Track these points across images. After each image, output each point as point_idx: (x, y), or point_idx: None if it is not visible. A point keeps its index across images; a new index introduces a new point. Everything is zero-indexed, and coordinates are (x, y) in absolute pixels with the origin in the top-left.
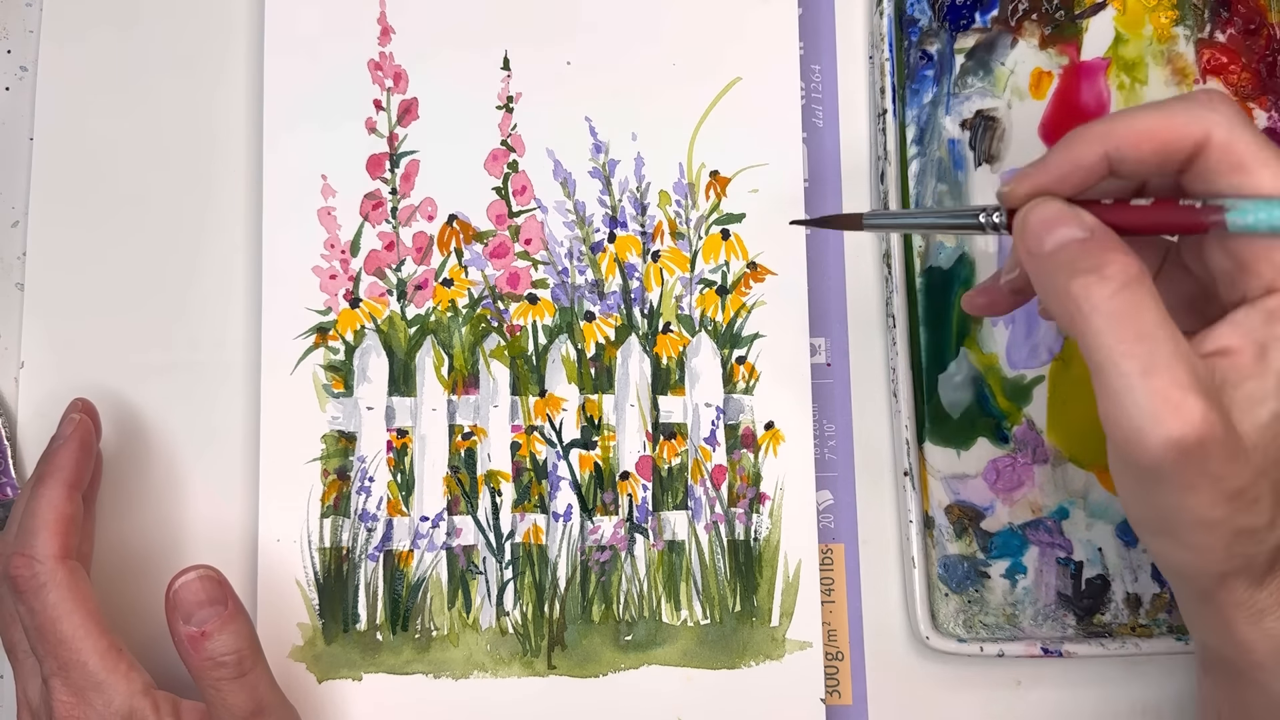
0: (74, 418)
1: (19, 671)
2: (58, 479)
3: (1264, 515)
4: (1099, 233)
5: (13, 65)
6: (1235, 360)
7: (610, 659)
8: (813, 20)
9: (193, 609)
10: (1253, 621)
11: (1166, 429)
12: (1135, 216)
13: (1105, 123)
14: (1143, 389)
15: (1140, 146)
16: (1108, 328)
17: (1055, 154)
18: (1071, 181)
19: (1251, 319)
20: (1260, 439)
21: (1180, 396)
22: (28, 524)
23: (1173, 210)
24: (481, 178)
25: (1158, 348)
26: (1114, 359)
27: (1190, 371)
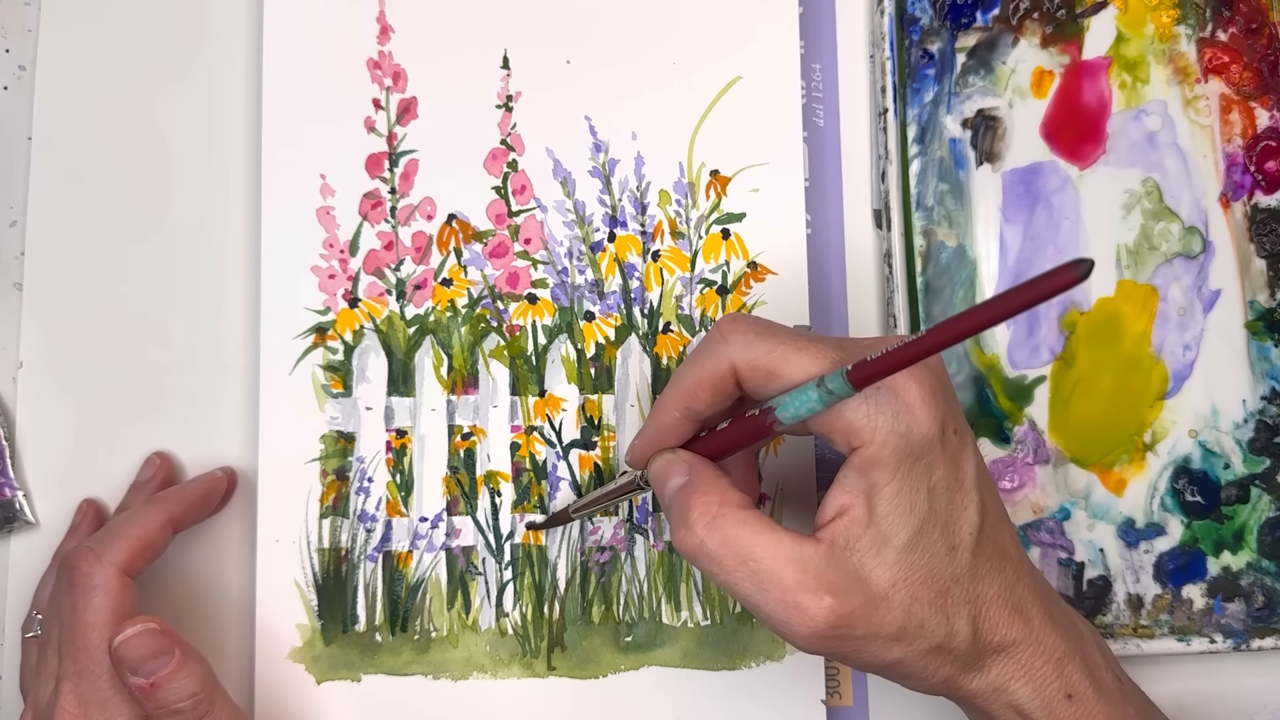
0: (216, 474)
1: (42, 668)
2: (164, 508)
3: (938, 630)
4: (694, 471)
5: (11, 64)
6: (853, 515)
7: (610, 660)
8: (813, 19)
9: (138, 663)
10: (992, 700)
11: (797, 629)
12: (722, 440)
13: (670, 387)
14: (764, 605)
15: (698, 397)
16: (712, 566)
17: (648, 424)
18: (668, 442)
19: (849, 476)
20: (896, 576)
21: (794, 600)
22: (113, 528)
23: (744, 423)
24: (481, 177)
25: (759, 566)
26: (730, 586)
27: (799, 571)
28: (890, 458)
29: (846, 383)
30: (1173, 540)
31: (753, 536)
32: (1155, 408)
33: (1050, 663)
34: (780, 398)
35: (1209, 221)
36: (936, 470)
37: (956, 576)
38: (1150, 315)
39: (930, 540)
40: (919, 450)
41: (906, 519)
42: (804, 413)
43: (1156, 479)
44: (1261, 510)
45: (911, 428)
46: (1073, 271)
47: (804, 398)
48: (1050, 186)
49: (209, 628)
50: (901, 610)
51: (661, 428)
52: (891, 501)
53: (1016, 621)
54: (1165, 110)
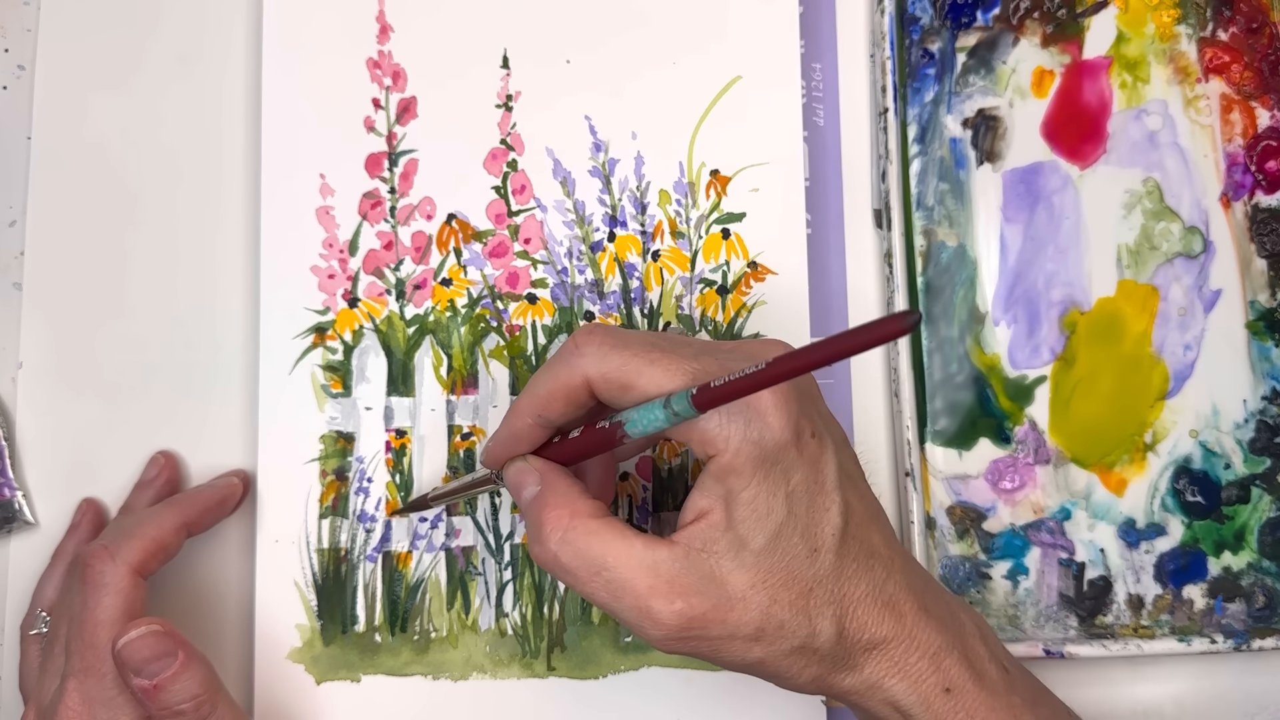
0: (232, 480)
1: (48, 665)
2: (179, 511)
3: (800, 630)
4: (546, 480)
5: (10, 64)
6: (711, 518)
7: (610, 660)
8: (814, 18)
9: (141, 665)
10: (867, 697)
11: (651, 633)
12: (574, 448)
13: (526, 392)
14: (620, 611)
15: (552, 406)
16: (568, 578)
17: (501, 427)
18: (520, 448)
19: (707, 482)
20: (754, 579)
21: (646, 606)
22: (128, 528)
23: (595, 434)
24: (480, 177)
25: (610, 575)
26: (587, 595)
27: (651, 576)
28: (745, 465)
29: (691, 405)
30: (1173, 540)
31: (604, 546)
32: (1156, 408)
33: (925, 658)
34: (629, 412)
35: (1209, 221)
36: (794, 475)
37: (819, 577)
38: (1151, 315)
39: (790, 543)
40: (773, 456)
41: (763, 523)
42: (652, 429)
43: (1157, 479)
44: (1262, 510)
45: (764, 435)
46: (901, 321)
47: (650, 415)
48: (1051, 186)
49: (208, 628)
50: (759, 611)
51: (514, 432)
52: (748, 507)
53: (888, 618)
54: (1166, 110)
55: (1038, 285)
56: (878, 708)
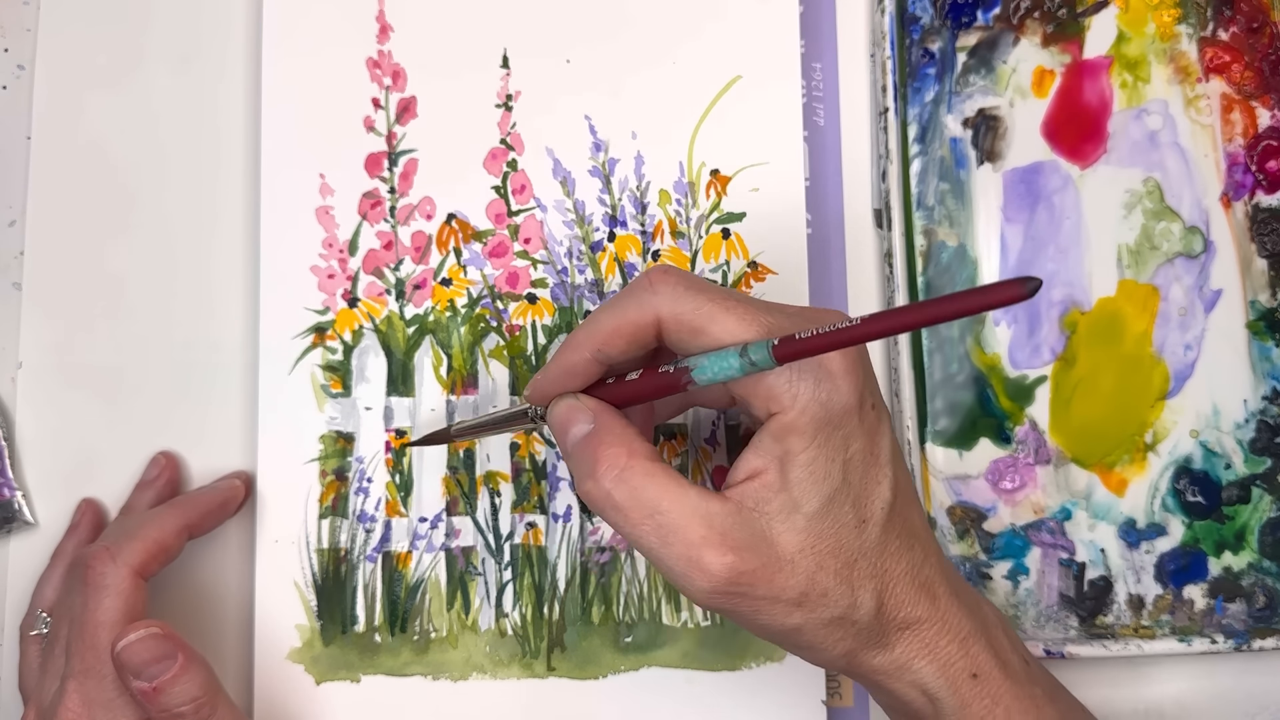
0: (235, 482)
1: (48, 665)
2: (181, 513)
3: (841, 601)
4: (600, 421)
5: (10, 64)
6: (764, 479)
7: (610, 661)
8: (814, 18)
9: (140, 667)
10: (895, 678)
11: (698, 583)
12: (630, 390)
13: (586, 326)
14: (666, 556)
15: (613, 343)
16: (618, 518)
17: (553, 363)
18: (573, 384)
19: (765, 441)
20: (803, 543)
21: (698, 554)
22: (130, 529)
23: (656, 377)
24: (480, 176)
25: (664, 519)
26: (635, 539)
27: (705, 526)
28: (808, 425)
29: (771, 356)
30: (1174, 540)
31: (660, 490)
32: (1156, 408)
33: (955, 641)
34: (698, 358)
35: (1210, 221)
36: (853, 443)
37: (864, 550)
38: (1151, 315)
39: (841, 511)
40: (837, 420)
41: (819, 487)
42: (721, 377)
43: (1158, 479)
44: (1263, 510)
45: (832, 397)
46: (1020, 287)
47: (724, 363)
48: (1051, 186)
49: (208, 628)
50: (805, 576)
51: (568, 367)
52: (806, 469)
53: (923, 599)
54: (1166, 110)
55: None
56: (904, 690)
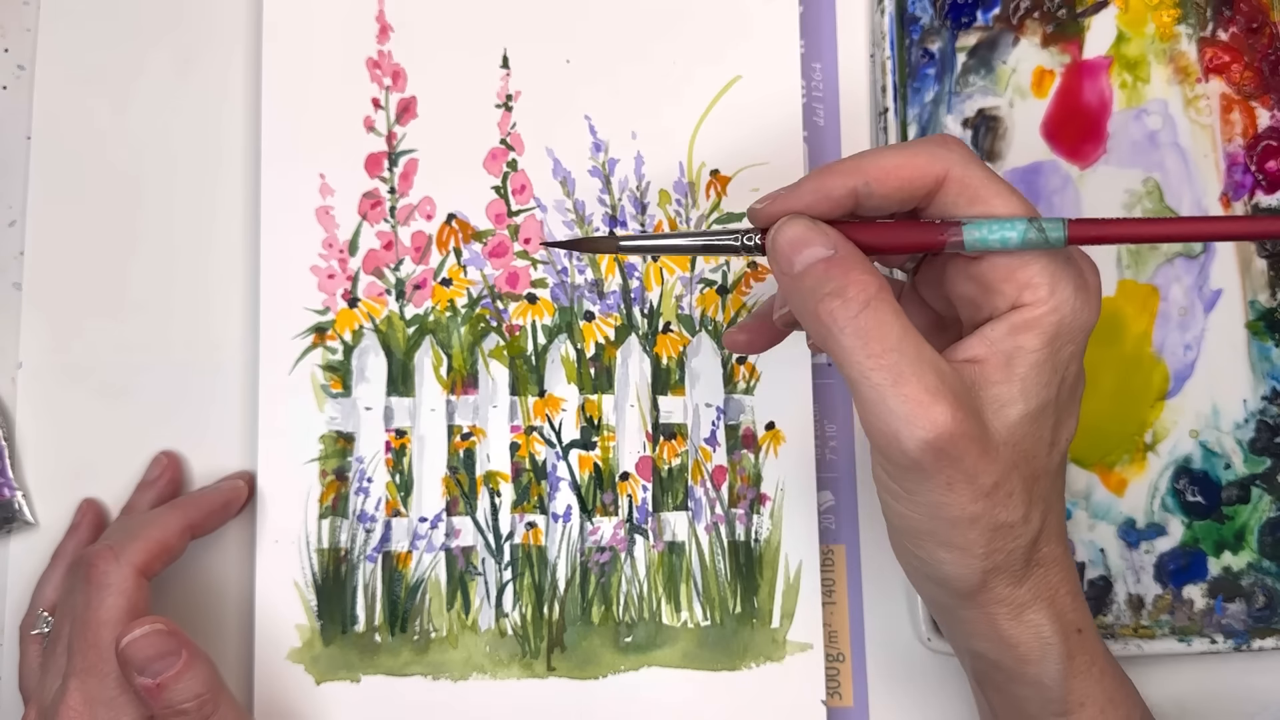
0: (238, 483)
1: (49, 664)
2: (184, 513)
3: (1018, 509)
4: (843, 250)
5: (10, 64)
6: (984, 368)
7: (610, 661)
8: (814, 18)
9: (144, 664)
10: (1015, 617)
11: (920, 431)
12: (879, 234)
13: (855, 159)
14: (894, 396)
15: (886, 182)
16: (856, 345)
17: (807, 182)
18: (818, 210)
19: (998, 331)
20: (1010, 437)
21: (930, 400)
22: (132, 529)
23: (914, 228)
24: (480, 176)
25: (903, 358)
26: (865, 372)
27: (938, 377)
28: (1050, 327)
29: (1065, 232)
30: (1173, 540)
31: (904, 331)
32: (1156, 408)
33: (1071, 593)
34: (978, 222)
35: None
36: (1072, 365)
37: (1046, 471)
38: (1151, 315)
39: (1044, 425)
40: (1073, 335)
41: (1040, 392)
42: (995, 244)
43: (1157, 479)
44: (1262, 510)
45: (1081, 310)
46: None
47: (1007, 229)
48: (1051, 186)
49: (208, 628)
50: (1003, 467)
51: (825, 191)
52: (1034, 369)
53: (1061, 542)
54: (1166, 110)
55: None
56: (1018, 633)
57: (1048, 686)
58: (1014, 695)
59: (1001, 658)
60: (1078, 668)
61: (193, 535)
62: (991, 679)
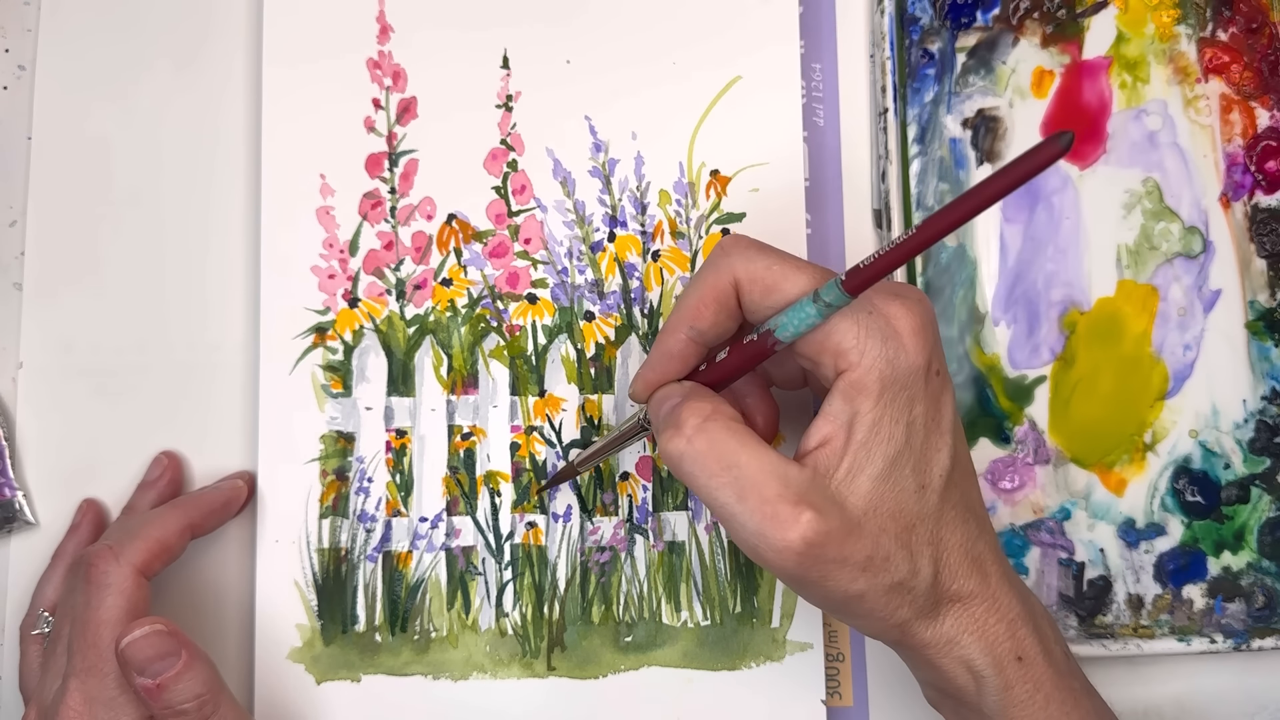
0: (237, 482)
1: (50, 664)
2: (184, 513)
3: (902, 568)
4: (692, 394)
5: (10, 64)
6: (833, 445)
7: (610, 660)
8: (813, 19)
9: (144, 664)
10: (944, 654)
11: (773, 541)
12: (723, 368)
13: (676, 309)
14: (743, 513)
15: (703, 315)
16: (696, 469)
17: (653, 351)
18: (674, 369)
19: (834, 405)
20: (868, 505)
21: (773, 511)
22: (132, 528)
23: (742, 350)
24: (481, 177)
25: (742, 473)
26: (710, 492)
27: (781, 482)
28: (875, 384)
29: (842, 291)
30: (1173, 540)
31: (739, 445)
32: (1155, 408)
33: (1004, 622)
34: (777, 317)
35: (1209, 221)
36: (917, 406)
37: (923, 516)
38: (1150, 315)
39: (902, 475)
40: (903, 381)
41: (883, 449)
42: (802, 328)
43: (1157, 479)
44: (1262, 510)
45: (899, 356)
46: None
47: (802, 313)
48: (1050, 186)
49: (209, 628)
50: (871, 539)
51: (666, 351)
52: (871, 430)
53: (975, 574)
54: (1165, 110)
55: (1037, 285)
56: (950, 666)
57: (987, 715)
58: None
59: (944, 687)
60: (1016, 698)
61: (193, 535)
62: (944, 704)
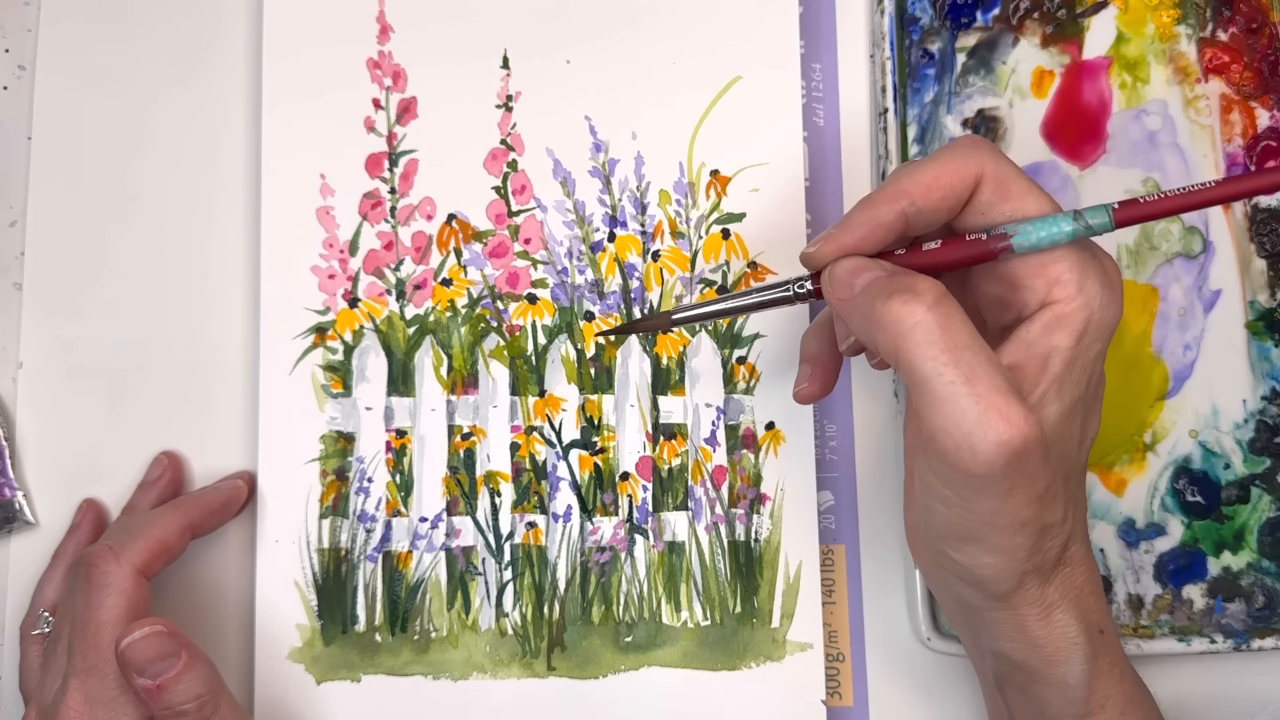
0: (238, 482)
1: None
2: (184, 513)
3: (1059, 510)
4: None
5: (11, 64)
6: (1024, 371)
7: (610, 660)
8: (813, 19)
9: (144, 665)
10: (1044, 617)
11: (997, 433)
12: (930, 258)
13: (895, 182)
14: (969, 396)
15: (930, 197)
16: (929, 339)
17: (855, 215)
18: (872, 240)
19: (1032, 332)
20: (1051, 437)
21: (1004, 402)
22: (132, 528)
23: (963, 245)
24: (481, 177)
25: (975, 357)
26: (939, 369)
27: (1006, 380)
28: (1080, 323)
29: (1110, 218)
30: (1173, 540)
31: (973, 333)
32: (1155, 408)
33: (1095, 593)
34: (1019, 225)
35: (1209, 221)
36: (1098, 365)
37: (1076, 468)
38: (1151, 315)
39: (1074, 423)
40: (1102, 332)
41: (1071, 390)
42: (1046, 242)
43: (1157, 479)
44: (1262, 510)
45: (1110, 306)
46: None
47: (1054, 227)
48: (1050, 186)
49: (209, 628)
50: (1051, 471)
51: (875, 219)
52: (1067, 367)
53: (1084, 542)
54: (1165, 110)
55: None
56: (1046, 631)
57: (1072, 687)
58: (1036, 697)
59: (1027, 658)
60: (1101, 669)
61: (193, 535)
62: (1013, 680)
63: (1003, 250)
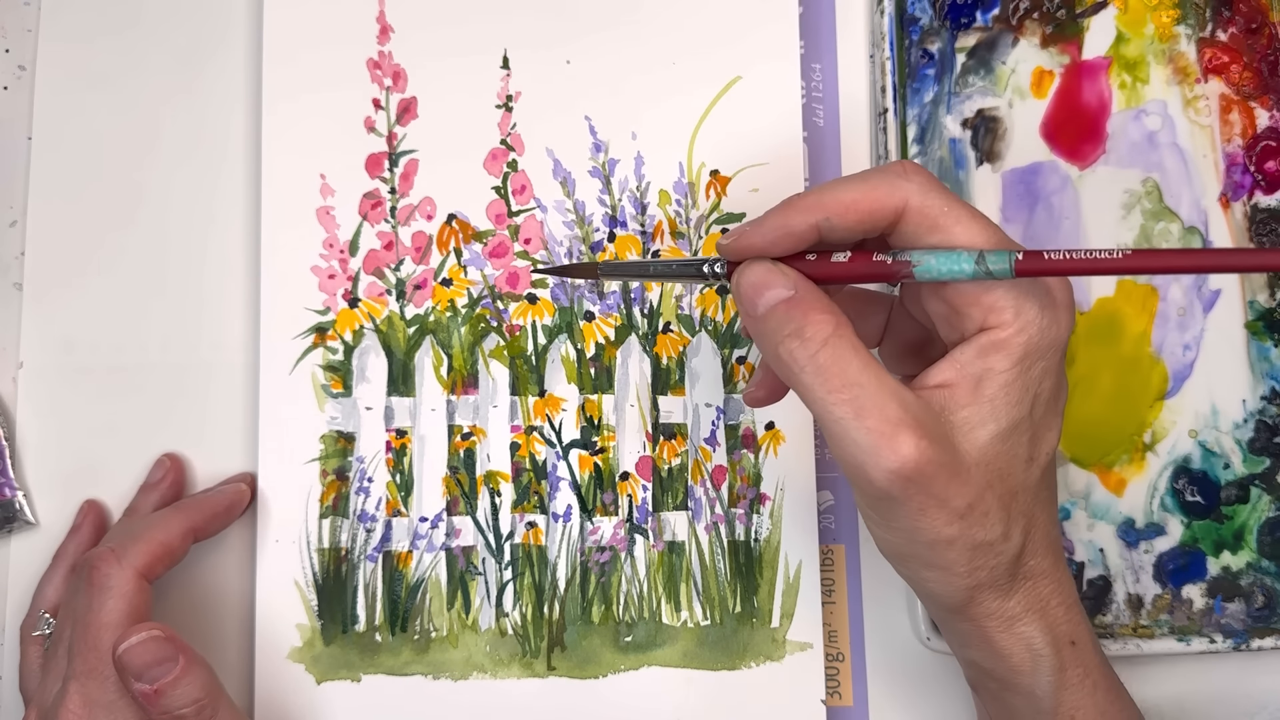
0: (240, 486)
1: (50, 666)
2: (187, 516)
3: (996, 528)
4: (802, 290)
5: (11, 64)
6: (954, 391)
7: (610, 660)
8: (813, 19)
9: (141, 670)
10: (1005, 629)
11: (884, 461)
12: (836, 270)
13: (817, 193)
14: (856, 429)
15: (846, 216)
16: (816, 381)
17: (770, 218)
18: (781, 246)
19: (966, 354)
20: (982, 457)
21: (891, 431)
22: (135, 531)
23: (869, 264)
24: (481, 177)
25: (863, 392)
26: (826, 407)
27: (900, 407)
28: (1018, 349)
29: (1011, 268)
30: (1173, 540)
31: (863, 365)
32: (1155, 408)
33: (1064, 605)
34: (923, 254)
35: (1209, 221)
36: (1046, 381)
37: (1025, 486)
38: (1150, 315)
39: (1019, 442)
40: (1043, 352)
41: (1009, 412)
42: (947, 277)
43: (1156, 479)
44: (1261, 510)
45: (1049, 328)
46: None
47: (956, 263)
48: (1050, 186)
49: (209, 628)
50: (976, 489)
51: (787, 227)
52: (1003, 390)
53: (1050, 554)
54: (1165, 110)
55: None
56: (1009, 644)
57: (1039, 697)
58: (1007, 703)
59: (994, 667)
60: (1069, 680)
61: (195, 538)
62: (986, 686)
63: (904, 276)
